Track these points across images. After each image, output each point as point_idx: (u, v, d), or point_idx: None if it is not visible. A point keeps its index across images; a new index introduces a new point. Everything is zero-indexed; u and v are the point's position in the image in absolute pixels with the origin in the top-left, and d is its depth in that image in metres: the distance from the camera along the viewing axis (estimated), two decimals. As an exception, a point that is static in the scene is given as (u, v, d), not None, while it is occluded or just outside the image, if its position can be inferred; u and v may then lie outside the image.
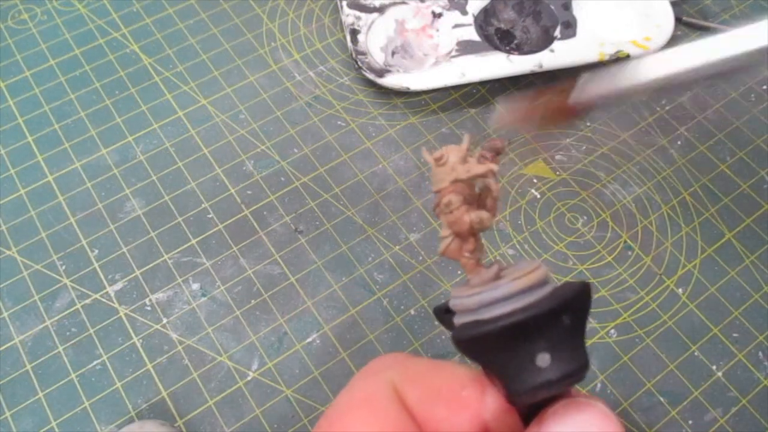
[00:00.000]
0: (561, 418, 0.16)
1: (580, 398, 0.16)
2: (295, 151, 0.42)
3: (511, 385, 0.16)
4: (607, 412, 0.16)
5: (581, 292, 0.16)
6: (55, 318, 0.36)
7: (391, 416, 0.17)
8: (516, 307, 0.16)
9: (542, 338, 0.16)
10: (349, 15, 0.45)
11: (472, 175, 0.17)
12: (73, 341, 0.35)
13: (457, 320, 0.18)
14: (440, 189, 0.18)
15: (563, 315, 0.16)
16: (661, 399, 0.34)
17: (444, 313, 0.19)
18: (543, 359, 0.16)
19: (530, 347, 0.16)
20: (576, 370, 0.16)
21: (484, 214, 0.17)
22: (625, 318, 0.36)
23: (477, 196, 0.18)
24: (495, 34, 0.46)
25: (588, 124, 0.43)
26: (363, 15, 0.45)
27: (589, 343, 0.36)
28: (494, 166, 0.17)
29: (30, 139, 0.42)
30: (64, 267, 0.37)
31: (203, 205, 0.40)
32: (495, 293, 0.16)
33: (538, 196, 0.40)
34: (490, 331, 0.16)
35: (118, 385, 0.34)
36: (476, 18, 0.46)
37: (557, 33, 0.45)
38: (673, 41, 0.45)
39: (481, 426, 0.18)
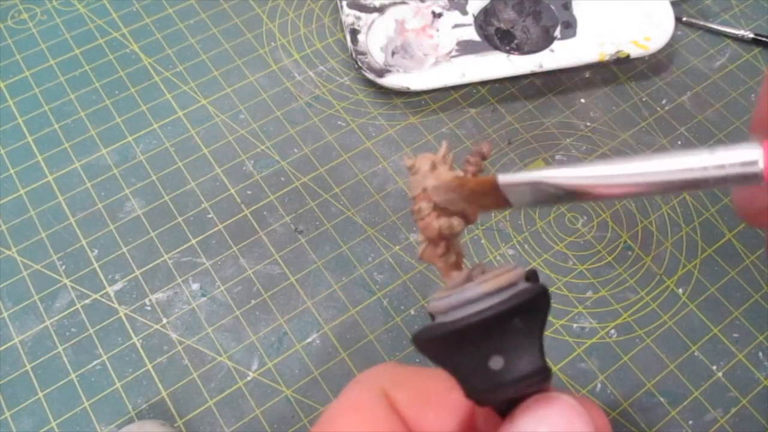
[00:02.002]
0: (529, 413, 0.16)
1: (550, 393, 0.16)
2: (295, 151, 0.42)
3: (466, 386, 0.17)
4: (574, 405, 0.16)
5: (536, 296, 0.16)
6: (55, 318, 0.36)
7: (381, 419, 0.17)
8: (476, 311, 0.16)
9: (495, 341, 0.16)
10: (349, 15, 0.45)
11: (440, 183, 0.18)
12: (72, 341, 0.35)
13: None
14: (414, 196, 0.18)
15: (514, 318, 0.16)
16: (661, 399, 0.34)
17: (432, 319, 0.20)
18: (496, 362, 0.16)
19: (483, 350, 0.16)
20: (531, 373, 0.16)
21: (454, 221, 0.18)
22: (625, 318, 0.36)
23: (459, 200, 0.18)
24: (495, 34, 0.46)
25: (588, 124, 0.43)
26: (363, 15, 0.45)
27: (589, 343, 0.36)
28: (460, 174, 0.18)
29: (30, 139, 0.42)
30: (63, 267, 0.37)
31: (203, 205, 0.40)
32: (460, 296, 0.17)
33: (538, 196, 0.40)
34: (443, 333, 0.16)
35: (118, 385, 0.34)
36: (476, 18, 0.45)
37: (557, 33, 0.45)
38: (673, 41, 0.45)
39: (471, 427, 0.18)
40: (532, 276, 0.18)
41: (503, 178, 0.17)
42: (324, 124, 0.43)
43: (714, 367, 0.35)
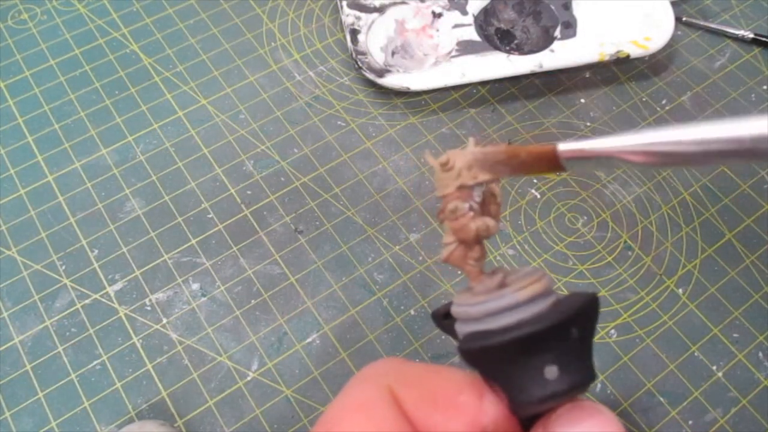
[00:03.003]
0: (567, 422, 0.16)
1: (584, 403, 0.16)
2: (295, 151, 0.42)
3: (517, 396, 0.16)
4: (612, 417, 0.16)
5: (590, 303, 0.16)
6: (55, 318, 0.36)
7: (388, 421, 0.17)
8: (523, 318, 0.16)
9: (551, 350, 0.15)
10: (349, 15, 0.45)
11: (478, 182, 0.17)
12: (73, 341, 0.35)
13: (460, 328, 0.17)
14: (445, 194, 0.17)
15: (572, 327, 0.15)
16: (661, 399, 0.34)
17: (443, 318, 0.19)
18: (551, 371, 0.15)
19: (539, 359, 0.16)
20: (583, 382, 0.16)
21: (490, 222, 0.17)
22: (625, 318, 0.36)
23: (481, 202, 0.18)
24: (495, 34, 0.46)
25: (588, 124, 0.43)
26: (363, 15, 0.45)
27: (589, 343, 0.36)
28: (486, 175, 0.17)
29: (30, 139, 0.42)
30: (64, 267, 0.37)
31: (203, 205, 0.40)
32: (500, 303, 0.16)
33: (538, 196, 0.40)
34: (500, 343, 0.16)
35: (118, 385, 0.34)
36: (476, 18, 0.45)
37: (557, 33, 0.45)
38: (673, 41, 0.45)
39: (478, 430, 0.18)
40: None
41: (564, 150, 0.16)
42: (324, 124, 0.43)
43: (714, 367, 0.35)
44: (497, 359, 0.16)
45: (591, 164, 0.16)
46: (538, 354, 0.16)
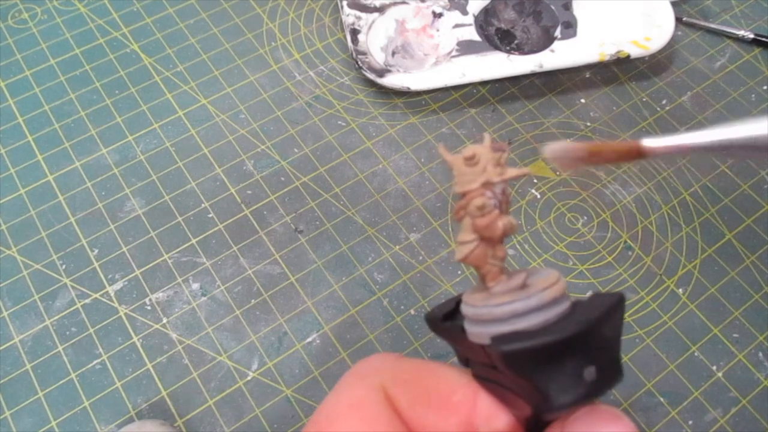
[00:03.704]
0: (588, 426, 0.15)
1: (602, 407, 0.16)
2: (296, 150, 0.42)
3: (555, 397, 0.15)
4: (628, 423, 0.15)
5: (620, 302, 0.16)
6: (55, 317, 0.36)
7: (381, 420, 0.17)
8: (549, 319, 0.15)
9: (588, 351, 0.15)
10: (349, 15, 0.45)
11: (506, 178, 0.16)
12: (72, 341, 0.35)
13: (477, 330, 0.17)
14: (468, 191, 0.17)
15: (605, 327, 0.15)
16: (661, 399, 0.34)
17: (442, 321, 0.18)
18: (590, 372, 0.15)
19: (578, 359, 0.15)
20: (617, 381, 0.16)
21: (513, 220, 0.16)
22: (625, 318, 0.36)
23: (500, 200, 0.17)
24: (495, 34, 0.46)
25: (588, 124, 0.43)
26: (363, 15, 0.45)
27: (589, 343, 0.36)
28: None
29: (30, 138, 0.42)
30: (64, 266, 0.37)
31: (203, 205, 0.40)
32: (528, 303, 0.16)
33: (539, 196, 0.40)
34: (545, 343, 0.15)
35: (118, 384, 0.34)
36: (476, 18, 0.45)
37: (558, 33, 0.45)
38: (673, 41, 0.45)
39: (471, 429, 0.17)
40: None
41: (649, 146, 0.18)
42: (324, 123, 0.43)
43: (714, 367, 0.35)
44: (534, 360, 0.16)
45: (667, 156, 0.19)
46: (577, 354, 0.15)
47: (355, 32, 0.44)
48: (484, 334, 0.16)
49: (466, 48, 0.44)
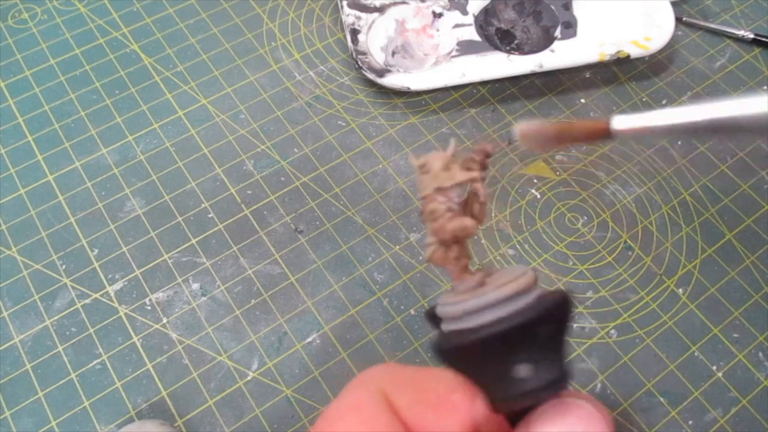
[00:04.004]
0: (548, 419, 0.16)
1: (567, 399, 0.16)
2: (296, 150, 0.42)
3: (492, 394, 0.16)
4: (593, 412, 0.16)
5: (561, 303, 0.16)
6: (55, 317, 0.36)
7: (381, 422, 0.17)
8: (497, 317, 0.16)
9: (523, 349, 0.16)
10: (349, 15, 0.45)
11: (455, 183, 0.17)
12: (72, 341, 0.35)
13: (444, 327, 0.18)
14: (425, 196, 0.18)
15: (543, 326, 0.16)
16: (661, 399, 0.34)
17: (433, 318, 0.19)
18: (523, 370, 0.16)
19: (511, 357, 0.16)
20: (555, 381, 0.16)
21: (467, 222, 0.17)
22: (625, 318, 0.36)
23: (464, 201, 0.18)
24: (495, 34, 0.46)
25: (588, 124, 0.43)
26: (363, 15, 0.45)
27: (589, 343, 0.36)
28: (476, 174, 0.17)
29: (30, 138, 0.42)
30: (64, 266, 0.37)
31: (203, 205, 0.40)
32: (477, 302, 0.16)
33: (539, 196, 0.40)
34: (471, 341, 0.16)
35: (118, 384, 0.34)
36: (476, 18, 0.45)
37: (558, 33, 0.45)
38: (673, 41, 0.45)
39: (472, 429, 0.18)
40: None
41: (617, 126, 0.18)
42: (324, 123, 0.43)
43: (714, 367, 0.35)
44: (471, 358, 0.16)
45: (637, 137, 0.19)
46: (511, 352, 0.16)
47: (355, 32, 0.44)
48: (445, 331, 0.17)
49: (466, 48, 0.44)
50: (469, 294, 0.17)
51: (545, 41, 0.45)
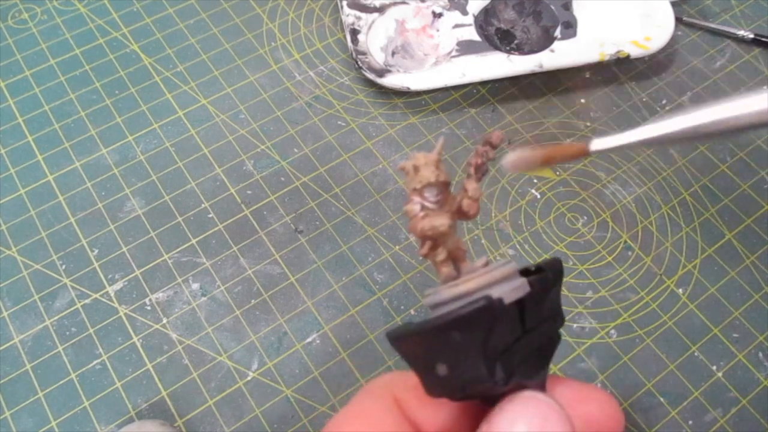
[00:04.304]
0: (504, 413, 0.16)
1: (525, 392, 0.16)
2: (296, 150, 0.42)
3: (424, 387, 0.17)
4: (549, 404, 0.16)
5: (473, 311, 0.16)
6: (55, 318, 0.36)
7: (387, 424, 0.18)
8: (428, 318, 0.17)
9: (439, 350, 0.17)
10: (349, 15, 0.45)
11: (424, 185, 0.18)
12: (72, 341, 0.35)
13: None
14: (409, 197, 0.19)
15: (452, 331, 0.16)
16: (661, 399, 0.34)
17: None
18: (441, 369, 0.17)
19: (430, 356, 0.17)
20: (473, 380, 0.16)
21: (436, 221, 0.18)
22: (625, 318, 0.36)
23: (449, 198, 0.18)
24: (495, 34, 0.46)
25: (588, 124, 0.43)
26: (363, 15, 0.45)
27: (589, 343, 0.36)
28: (441, 175, 0.18)
29: (30, 138, 0.42)
30: (64, 266, 0.37)
31: (203, 205, 0.40)
32: (435, 297, 0.17)
33: (538, 196, 0.40)
34: (402, 336, 0.17)
35: (118, 384, 0.34)
36: (476, 18, 0.45)
37: (557, 33, 0.45)
38: (673, 41, 0.45)
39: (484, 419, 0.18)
40: (535, 270, 0.18)
41: (595, 147, 0.20)
42: (324, 124, 0.43)
43: (714, 367, 0.35)
44: (406, 350, 0.18)
45: (615, 152, 0.21)
46: (429, 352, 0.17)
47: (355, 32, 0.44)
48: None
49: (466, 48, 0.44)
50: (438, 288, 0.18)
51: (545, 41, 0.45)
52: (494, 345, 0.16)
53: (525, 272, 0.18)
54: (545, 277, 0.18)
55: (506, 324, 0.17)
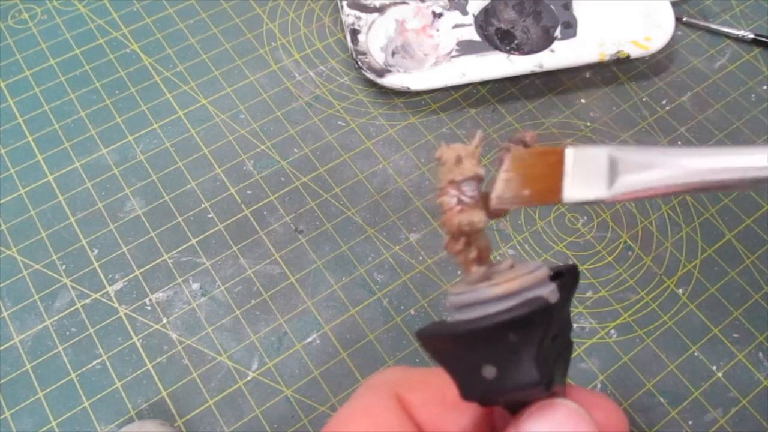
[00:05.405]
0: (533, 419, 0.16)
1: (554, 399, 0.16)
2: (296, 150, 0.42)
3: (461, 389, 0.16)
4: (578, 410, 0.16)
5: (530, 312, 0.16)
6: (55, 318, 0.36)
7: (391, 423, 0.17)
8: (470, 317, 0.16)
9: (489, 351, 0.16)
10: (349, 15, 0.45)
11: (465, 177, 0.17)
12: (72, 341, 0.35)
13: (449, 316, 0.18)
14: (441, 188, 0.18)
15: (508, 332, 0.16)
16: (661, 399, 0.34)
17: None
18: (489, 371, 0.16)
19: (478, 357, 0.16)
20: (524, 385, 0.16)
21: (475, 216, 0.17)
22: (625, 318, 0.36)
23: (484, 195, 0.18)
24: (495, 34, 0.46)
25: (588, 124, 0.43)
26: (363, 15, 0.45)
27: (589, 343, 0.36)
28: (481, 171, 0.17)
29: (30, 138, 0.42)
30: (64, 266, 0.37)
31: (203, 205, 0.40)
32: (470, 296, 0.16)
33: (539, 196, 0.40)
34: (441, 334, 0.16)
35: (118, 384, 0.34)
36: (476, 18, 0.45)
37: (557, 33, 0.45)
38: (673, 41, 0.45)
39: (489, 426, 0.18)
40: (559, 274, 0.17)
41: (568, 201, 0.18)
42: (324, 124, 0.43)
43: (714, 367, 0.35)
44: (445, 350, 0.17)
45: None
46: (477, 353, 0.16)
47: (355, 32, 0.44)
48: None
49: (466, 48, 0.44)
50: (468, 288, 0.17)
51: (545, 41, 0.45)
52: (545, 349, 0.16)
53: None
54: (568, 282, 0.17)
55: (553, 327, 0.16)
